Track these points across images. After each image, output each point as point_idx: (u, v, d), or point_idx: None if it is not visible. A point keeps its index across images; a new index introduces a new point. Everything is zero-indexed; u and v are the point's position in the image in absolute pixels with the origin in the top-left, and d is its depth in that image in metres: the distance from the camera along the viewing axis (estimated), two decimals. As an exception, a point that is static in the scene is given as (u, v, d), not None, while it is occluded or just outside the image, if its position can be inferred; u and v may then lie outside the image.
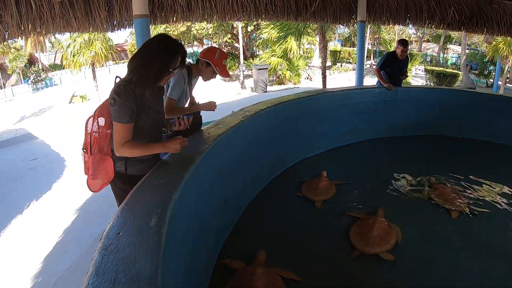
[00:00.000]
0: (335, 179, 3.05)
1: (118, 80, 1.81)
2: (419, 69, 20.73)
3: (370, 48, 24.32)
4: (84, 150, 1.86)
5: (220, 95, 13.96)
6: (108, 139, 1.85)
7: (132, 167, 1.90)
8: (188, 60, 2.26)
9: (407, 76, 4.87)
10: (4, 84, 23.38)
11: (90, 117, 1.84)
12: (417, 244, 2.29)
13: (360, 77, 5.93)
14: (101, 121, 1.82)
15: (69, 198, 5.74)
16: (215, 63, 2.46)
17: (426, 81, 16.53)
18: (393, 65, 4.41)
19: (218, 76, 2.57)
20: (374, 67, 5.30)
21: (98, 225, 4.48)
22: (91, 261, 1.12)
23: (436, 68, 17.00)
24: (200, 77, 2.65)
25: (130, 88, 1.69)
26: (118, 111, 1.67)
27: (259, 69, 14.69)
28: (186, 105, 2.54)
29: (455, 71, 17.04)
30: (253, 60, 19.41)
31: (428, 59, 25.17)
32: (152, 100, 1.84)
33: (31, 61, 25.54)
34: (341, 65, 22.54)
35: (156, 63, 1.73)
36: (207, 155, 2.07)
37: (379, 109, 4.21)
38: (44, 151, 9.34)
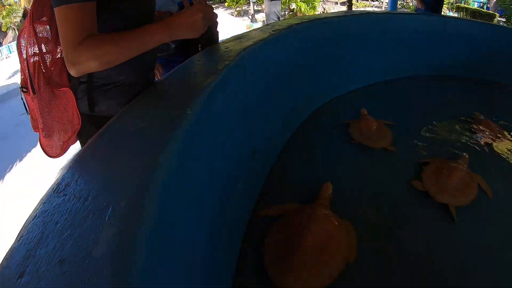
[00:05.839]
0: (380, 119, 2.23)
1: None
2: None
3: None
4: (24, 90, 1.03)
5: (228, 31, 12.79)
6: (61, 62, 0.99)
7: (102, 99, 1.06)
8: None
9: None
10: (1, 43, 22.32)
11: (21, 32, 0.97)
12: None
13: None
14: (42, 29, 0.96)
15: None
16: None
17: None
18: None
19: (225, 12, 1.65)
20: None
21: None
22: None
23: (471, 7, 15.14)
24: None
25: None
26: None
27: (271, 0, 13.12)
28: None
29: (491, 12, 15.19)
30: (263, -8, 17.51)
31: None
32: None
33: (26, 15, 24.33)
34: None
35: None
36: (226, 76, 1.17)
37: (423, 41, 3.33)
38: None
